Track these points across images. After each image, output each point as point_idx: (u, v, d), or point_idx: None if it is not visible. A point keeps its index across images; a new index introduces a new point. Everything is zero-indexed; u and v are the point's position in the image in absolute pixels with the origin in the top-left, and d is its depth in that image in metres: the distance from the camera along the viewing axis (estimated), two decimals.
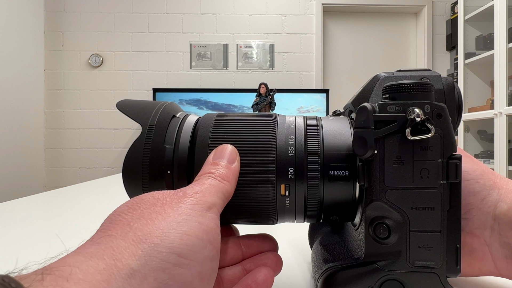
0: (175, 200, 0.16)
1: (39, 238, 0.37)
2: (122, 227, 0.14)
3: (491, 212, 0.21)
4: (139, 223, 0.15)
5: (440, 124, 0.18)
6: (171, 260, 0.14)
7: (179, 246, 0.14)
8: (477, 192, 0.21)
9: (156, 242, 0.14)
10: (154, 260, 0.13)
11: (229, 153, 0.20)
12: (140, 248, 0.13)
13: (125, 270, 0.13)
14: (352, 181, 0.20)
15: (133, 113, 0.23)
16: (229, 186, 0.19)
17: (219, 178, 0.19)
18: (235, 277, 0.21)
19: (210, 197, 0.17)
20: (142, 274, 0.13)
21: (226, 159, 0.20)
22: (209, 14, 2.53)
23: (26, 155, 2.23)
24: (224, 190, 0.18)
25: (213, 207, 0.17)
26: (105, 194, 0.71)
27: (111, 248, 0.13)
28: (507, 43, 1.81)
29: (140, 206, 0.16)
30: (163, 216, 0.15)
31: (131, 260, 0.13)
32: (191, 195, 0.17)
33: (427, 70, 0.22)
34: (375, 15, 2.67)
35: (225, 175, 0.19)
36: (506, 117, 1.82)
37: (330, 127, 0.22)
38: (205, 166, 0.20)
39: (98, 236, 0.14)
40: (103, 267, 0.12)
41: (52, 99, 2.49)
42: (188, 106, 2.41)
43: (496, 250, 0.21)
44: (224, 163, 0.19)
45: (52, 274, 0.11)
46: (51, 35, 2.48)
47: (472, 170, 0.22)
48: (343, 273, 0.20)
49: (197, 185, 0.18)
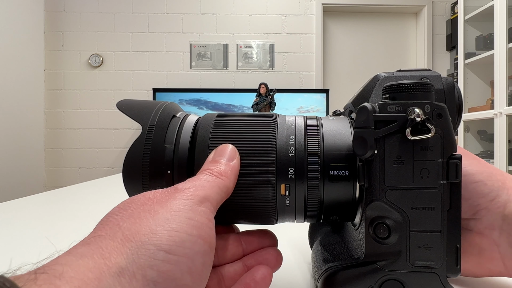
0: (165, 197, 0.16)
1: (39, 238, 0.37)
2: (112, 227, 0.15)
3: (500, 213, 0.21)
4: (128, 222, 0.15)
5: (440, 124, 0.18)
6: (159, 257, 0.14)
7: (167, 243, 0.14)
8: (486, 194, 0.21)
9: (144, 240, 0.14)
10: (141, 257, 0.13)
11: (229, 151, 0.20)
12: (128, 246, 0.14)
13: (114, 268, 0.13)
14: (352, 181, 0.20)
15: (133, 113, 0.23)
16: (227, 181, 0.19)
17: (217, 174, 0.19)
18: (236, 273, 0.21)
19: (202, 191, 0.17)
20: (131, 272, 0.13)
21: (226, 157, 0.20)
22: (209, 14, 2.53)
23: (26, 155, 2.23)
24: (221, 185, 0.18)
25: (205, 201, 0.17)
26: (105, 194, 0.71)
27: (100, 248, 0.13)
28: (507, 43, 1.81)
29: (130, 206, 0.16)
30: (151, 214, 0.15)
31: (119, 258, 0.13)
32: (182, 190, 0.17)
33: (427, 70, 0.22)
34: (375, 15, 2.67)
35: (223, 171, 0.19)
36: (506, 117, 1.82)
37: (330, 127, 0.22)
38: (205, 164, 0.20)
39: (89, 237, 0.14)
40: (93, 265, 0.12)
41: (52, 99, 2.49)
42: (188, 106, 2.41)
43: (505, 250, 0.21)
44: (223, 161, 0.19)
45: (45, 273, 0.11)
46: (51, 35, 2.48)
47: (479, 172, 0.22)
48: (343, 273, 0.20)
49: (190, 181, 0.18)
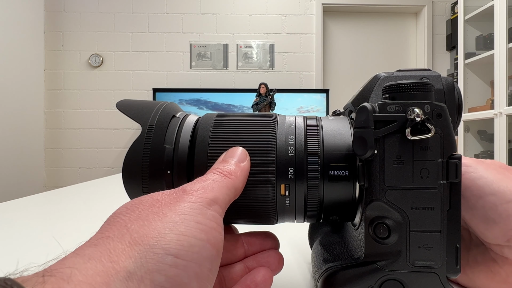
0: (174, 199, 0.16)
1: (39, 238, 0.37)
2: (119, 229, 0.14)
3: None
4: (136, 224, 0.14)
5: (440, 124, 0.18)
6: (167, 261, 0.13)
7: (175, 247, 0.14)
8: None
9: (152, 244, 0.14)
10: (150, 262, 0.13)
11: (239, 153, 0.20)
12: (136, 250, 0.13)
13: (122, 272, 0.13)
14: (352, 181, 0.20)
15: (133, 113, 0.23)
16: (236, 181, 0.19)
17: (226, 173, 0.18)
18: (237, 275, 0.21)
19: (211, 193, 0.17)
20: (139, 276, 0.13)
21: (236, 158, 0.20)
22: (209, 14, 2.53)
23: (26, 155, 2.23)
24: (229, 185, 0.18)
25: (214, 203, 0.17)
26: (105, 194, 0.71)
27: (108, 250, 0.13)
28: (507, 43, 1.81)
29: (138, 208, 0.16)
30: (160, 216, 0.15)
31: (127, 262, 0.13)
32: (191, 193, 0.17)
33: (427, 70, 0.22)
34: (375, 15, 2.66)
35: (233, 171, 0.19)
36: (506, 117, 1.82)
37: (330, 127, 0.22)
38: (215, 164, 0.20)
39: (96, 237, 0.14)
40: (102, 269, 0.12)
41: (52, 99, 2.49)
42: (188, 106, 2.41)
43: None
44: (233, 161, 0.19)
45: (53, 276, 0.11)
46: (51, 35, 2.48)
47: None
48: (343, 273, 0.20)
49: (199, 182, 0.18)
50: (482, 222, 0.20)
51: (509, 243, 0.19)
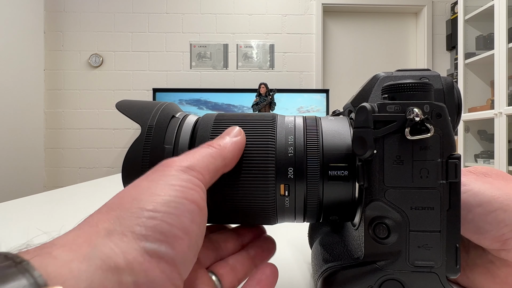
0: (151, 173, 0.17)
1: (39, 238, 0.37)
2: (99, 208, 0.15)
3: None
4: (114, 199, 0.15)
5: (440, 124, 0.18)
6: (145, 215, 0.14)
7: (151, 204, 0.14)
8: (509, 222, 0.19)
9: (127, 207, 0.14)
10: (127, 219, 0.14)
11: (234, 130, 0.20)
12: (113, 214, 0.14)
13: (103, 232, 0.13)
14: (352, 181, 0.20)
15: (132, 113, 0.23)
16: (224, 151, 0.19)
17: (214, 144, 0.19)
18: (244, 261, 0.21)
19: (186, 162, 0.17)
20: (119, 231, 0.13)
21: (230, 134, 0.20)
22: (209, 14, 2.53)
23: (26, 155, 2.23)
24: (214, 154, 0.18)
25: (190, 170, 0.17)
26: (105, 194, 0.71)
27: (87, 222, 0.14)
28: (507, 43, 1.80)
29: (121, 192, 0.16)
30: (134, 187, 0.16)
31: (106, 224, 0.14)
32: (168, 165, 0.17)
33: (426, 70, 0.22)
34: (375, 15, 2.66)
35: (223, 143, 0.19)
36: (506, 117, 1.82)
37: (329, 127, 0.22)
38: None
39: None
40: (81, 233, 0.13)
41: (52, 99, 2.49)
42: (188, 106, 2.41)
43: None
44: (226, 136, 0.20)
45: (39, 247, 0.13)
46: (51, 35, 2.48)
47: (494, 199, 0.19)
48: (343, 273, 0.20)
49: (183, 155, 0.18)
50: (475, 233, 0.20)
51: (504, 246, 0.19)
